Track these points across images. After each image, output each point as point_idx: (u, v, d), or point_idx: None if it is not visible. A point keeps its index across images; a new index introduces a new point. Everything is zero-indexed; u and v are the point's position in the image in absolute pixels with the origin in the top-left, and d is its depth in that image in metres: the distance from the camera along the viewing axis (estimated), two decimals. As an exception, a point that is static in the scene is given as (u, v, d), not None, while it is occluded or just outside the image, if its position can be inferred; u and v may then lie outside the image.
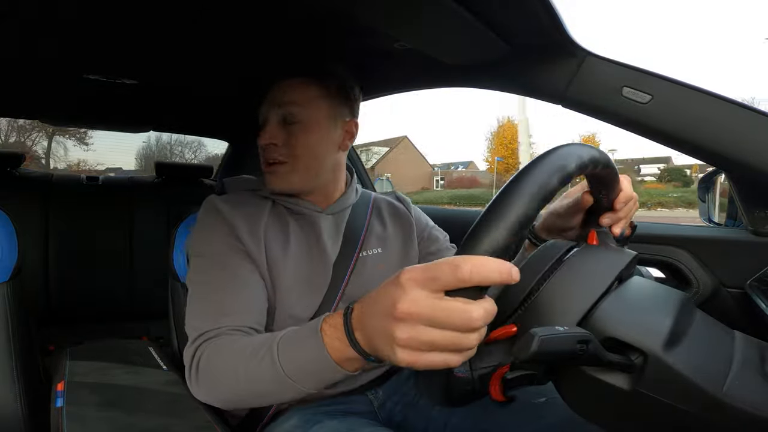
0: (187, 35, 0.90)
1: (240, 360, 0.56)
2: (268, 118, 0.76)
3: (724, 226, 0.89)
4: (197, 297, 0.69)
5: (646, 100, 0.66)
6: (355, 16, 0.68)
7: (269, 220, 0.75)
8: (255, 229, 0.72)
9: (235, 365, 0.57)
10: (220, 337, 0.62)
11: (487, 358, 0.44)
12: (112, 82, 1.16)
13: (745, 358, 0.41)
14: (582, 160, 0.44)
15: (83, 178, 1.58)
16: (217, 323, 0.64)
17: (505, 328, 0.45)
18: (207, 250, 0.71)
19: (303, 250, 0.75)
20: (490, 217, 0.39)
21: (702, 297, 0.79)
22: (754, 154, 0.61)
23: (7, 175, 1.42)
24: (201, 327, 0.64)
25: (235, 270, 0.69)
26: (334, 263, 0.75)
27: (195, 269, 0.71)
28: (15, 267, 0.68)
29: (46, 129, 11.68)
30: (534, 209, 0.39)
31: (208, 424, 0.58)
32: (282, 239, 0.74)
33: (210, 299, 0.67)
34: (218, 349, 0.61)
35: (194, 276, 0.71)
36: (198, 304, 0.68)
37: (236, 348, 0.59)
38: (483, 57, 0.79)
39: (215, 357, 0.60)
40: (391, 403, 0.79)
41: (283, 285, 0.72)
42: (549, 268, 0.48)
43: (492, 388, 0.44)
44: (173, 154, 13.64)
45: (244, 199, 0.77)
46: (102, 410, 0.57)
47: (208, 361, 0.61)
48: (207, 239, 0.72)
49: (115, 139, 12.43)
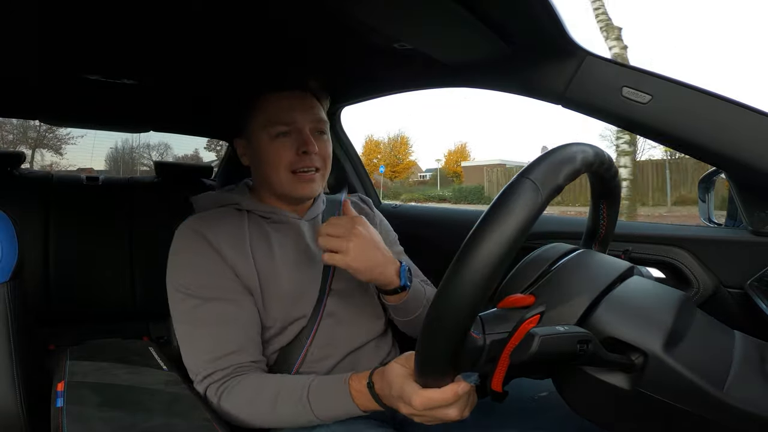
0: (187, 35, 0.90)
1: (268, 404, 0.65)
2: (304, 128, 0.77)
3: (724, 226, 0.89)
4: (191, 337, 0.71)
5: (646, 100, 0.65)
6: (355, 16, 0.68)
7: (251, 233, 0.77)
8: (240, 245, 0.75)
9: (263, 409, 0.66)
10: (235, 378, 0.68)
11: (500, 324, 0.45)
12: (112, 82, 1.16)
13: (745, 358, 0.41)
14: None
15: (83, 178, 1.58)
16: (225, 362, 0.68)
17: (523, 297, 0.45)
18: (192, 283, 0.72)
19: (291, 256, 0.78)
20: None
21: (702, 297, 0.79)
22: (754, 154, 0.60)
23: (7, 175, 1.41)
24: (207, 368, 0.68)
25: (225, 303, 0.71)
26: (319, 261, 0.78)
27: (182, 306, 0.72)
28: (15, 267, 0.68)
29: (28, 142, 12.34)
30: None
31: (209, 423, 0.58)
32: (267, 249, 0.77)
33: (206, 337, 0.70)
34: (240, 390, 0.67)
35: (182, 316, 0.72)
36: (196, 343, 0.71)
37: (264, 394, 0.66)
38: (483, 57, 0.79)
39: (238, 396, 0.67)
40: None
41: (278, 292, 0.75)
42: (569, 251, 0.51)
43: (494, 379, 0.44)
44: (141, 156, 14.13)
45: (219, 215, 0.78)
46: (102, 410, 0.57)
47: (230, 402, 0.67)
48: (191, 271, 0.73)
49: (85, 146, 13.21)
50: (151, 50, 0.97)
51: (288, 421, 0.66)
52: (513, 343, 0.42)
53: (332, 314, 0.79)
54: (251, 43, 0.94)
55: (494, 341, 0.44)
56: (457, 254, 0.38)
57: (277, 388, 0.66)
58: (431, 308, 0.40)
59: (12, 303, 0.66)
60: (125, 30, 0.86)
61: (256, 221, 0.80)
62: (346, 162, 1.55)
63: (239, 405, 0.66)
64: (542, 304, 0.44)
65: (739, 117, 0.61)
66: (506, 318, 0.45)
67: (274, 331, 0.76)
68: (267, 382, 0.68)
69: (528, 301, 0.45)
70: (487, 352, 0.44)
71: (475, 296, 0.37)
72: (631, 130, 0.70)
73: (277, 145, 0.77)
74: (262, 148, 0.78)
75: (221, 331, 0.70)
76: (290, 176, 0.77)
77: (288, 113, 0.77)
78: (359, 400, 0.62)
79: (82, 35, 0.89)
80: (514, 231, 0.37)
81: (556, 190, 0.40)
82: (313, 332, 0.76)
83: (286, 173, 0.77)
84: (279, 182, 0.78)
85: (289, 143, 0.77)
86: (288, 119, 0.77)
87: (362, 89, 1.26)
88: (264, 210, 0.81)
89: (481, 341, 0.43)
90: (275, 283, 0.75)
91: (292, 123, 0.77)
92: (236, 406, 0.66)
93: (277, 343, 0.76)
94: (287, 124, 0.77)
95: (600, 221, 0.58)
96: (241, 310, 0.72)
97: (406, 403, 0.53)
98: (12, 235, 0.69)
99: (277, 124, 0.77)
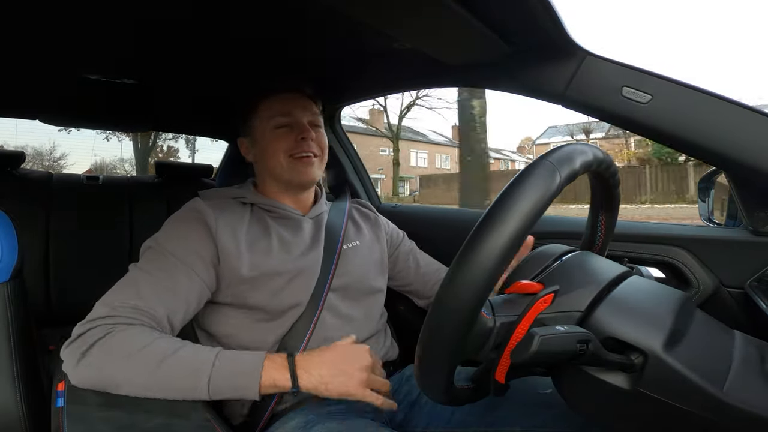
0: (187, 35, 0.90)
1: (153, 360, 0.61)
2: (301, 120, 0.85)
3: (724, 226, 0.89)
4: (126, 280, 0.70)
5: (646, 100, 0.65)
6: (354, 16, 0.68)
7: (251, 222, 0.82)
8: (236, 227, 0.78)
9: (140, 364, 0.61)
10: (131, 326, 0.64)
11: (509, 307, 0.45)
12: (112, 82, 1.16)
13: (745, 358, 0.41)
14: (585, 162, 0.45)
15: (83, 178, 1.58)
16: (132, 311, 0.66)
17: (532, 284, 0.46)
18: (168, 242, 0.73)
19: (289, 246, 0.82)
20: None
21: (702, 297, 0.79)
22: (754, 154, 0.60)
23: (7, 175, 1.41)
24: (109, 311, 0.66)
25: (186, 268, 0.72)
26: (321, 257, 0.84)
27: (143, 258, 0.73)
28: (15, 267, 0.68)
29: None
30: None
31: (209, 423, 0.58)
32: (263, 237, 0.81)
33: (136, 286, 0.69)
34: (127, 337, 0.63)
35: (134, 266, 0.72)
36: (125, 287, 0.69)
37: (154, 348, 0.62)
38: (483, 57, 0.79)
39: (129, 336, 0.63)
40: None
41: (268, 276, 0.77)
42: (570, 250, 0.52)
43: (499, 368, 0.44)
44: (114, 167, 14.44)
45: (225, 204, 0.82)
46: (102, 410, 0.57)
47: (118, 339, 0.62)
48: (174, 234, 0.75)
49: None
50: (151, 50, 0.97)
51: (162, 384, 0.61)
52: (524, 325, 0.42)
53: (333, 308, 0.81)
54: (251, 42, 0.94)
55: (503, 323, 0.44)
56: (476, 225, 0.39)
57: (176, 346, 0.63)
58: (445, 284, 0.40)
59: (12, 303, 0.66)
60: (125, 30, 0.86)
61: (259, 214, 0.84)
62: (346, 162, 1.55)
63: (114, 355, 0.61)
64: (554, 286, 0.45)
65: (739, 117, 0.61)
66: (515, 302, 0.46)
67: (265, 316, 0.77)
68: (166, 339, 0.65)
69: (536, 287, 0.46)
70: (495, 335, 0.44)
71: (492, 269, 0.37)
72: (631, 129, 0.70)
73: (278, 135, 0.84)
74: (264, 139, 0.85)
75: (160, 288, 0.69)
76: (290, 161, 0.84)
77: (288, 108, 0.85)
78: (268, 370, 0.63)
79: (82, 35, 0.89)
80: (532, 207, 0.38)
81: (573, 176, 0.41)
82: (313, 324, 0.78)
83: (285, 158, 0.84)
84: (280, 167, 0.84)
85: (289, 133, 0.84)
86: (287, 112, 0.85)
87: (362, 89, 1.26)
88: (268, 203, 0.85)
89: (492, 322, 0.44)
90: (265, 266, 0.77)
91: (291, 116, 0.85)
92: (109, 356, 0.61)
93: (273, 332, 0.77)
94: (287, 116, 0.85)
95: (598, 231, 0.59)
96: (191, 283, 0.72)
97: (356, 354, 0.68)
98: (12, 235, 0.69)
99: (278, 117, 0.85)
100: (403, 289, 1.03)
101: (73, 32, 0.87)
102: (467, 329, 0.40)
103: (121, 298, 0.67)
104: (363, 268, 0.89)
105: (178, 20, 0.82)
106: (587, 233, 0.60)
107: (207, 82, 1.24)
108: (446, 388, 0.45)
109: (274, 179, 0.87)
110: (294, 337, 0.77)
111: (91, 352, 0.61)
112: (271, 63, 1.06)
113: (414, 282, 1.01)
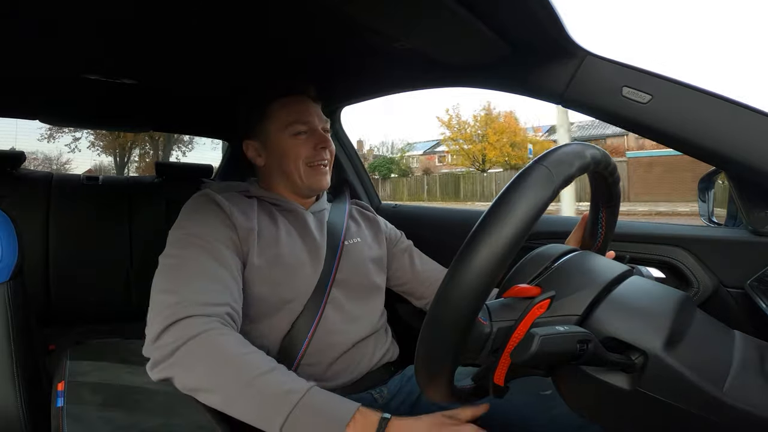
0: (187, 36, 0.90)
1: (246, 375, 0.58)
2: (318, 127, 0.88)
3: (724, 226, 0.89)
4: (178, 269, 0.68)
5: (646, 100, 0.65)
6: (354, 16, 0.68)
7: (260, 213, 0.83)
8: (249, 217, 0.79)
9: (231, 378, 0.58)
10: (225, 327, 0.63)
11: (507, 312, 0.45)
12: (112, 82, 1.16)
13: (745, 358, 0.41)
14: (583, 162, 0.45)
15: (83, 178, 1.58)
16: (215, 310, 0.65)
17: (529, 288, 0.46)
18: (194, 230, 0.73)
19: (295, 238, 0.84)
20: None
21: (702, 297, 0.79)
22: (754, 154, 0.60)
23: (7, 175, 1.41)
24: (196, 309, 0.63)
25: (222, 254, 0.71)
26: (325, 252, 0.85)
27: (178, 244, 0.72)
28: (15, 267, 0.68)
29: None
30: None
31: (209, 423, 0.58)
32: (273, 228, 0.82)
33: (199, 277, 0.67)
34: (226, 342, 0.62)
35: (174, 250, 0.71)
36: (176, 278, 0.67)
37: (249, 358, 0.60)
38: (483, 57, 0.79)
39: (216, 346, 0.61)
40: (396, 402, 0.80)
41: (277, 269, 0.77)
42: (570, 250, 0.52)
43: (497, 371, 0.44)
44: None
45: (232, 195, 0.83)
46: (102, 410, 0.57)
47: (206, 348, 0.60)
48: (196, 222, 0.75)
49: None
50: (151, 50, 0.97)
51: (248, 408, 0.57)
52: (520, 330, 0.42)
53: (336, 302, 0.82)
54: (251, 42, 0.94)
55: (501, 328, 0.44)
56: (473, 230, 0.39)
57: (272, 365, 0.60)
58: (444, 287, 0.40)
59: (12, 303, 0.66)
60: (125, 30, 0.86)
61: (265, 206, 0.86)
62: (346, 162, 1.55)
63: (211, 358, 0.59)
64: (551, 291, 0.45)
65: (739, 117, 0.61)
66: (512, 307, 0.46)
67: (267, 308, 0.77)
68: (261, 354, 0.62)
69: (534, 291, 0.46)
70: (492, 340, 0.44)
71: (489, 274, 0.37)
72: (632, 129, 0.70)
73: (297, 142, 0.86)
74: (282, 145, 0.86)
75: (213, 280, 0.68)
76: (308, 169, 0.87)
77: (305, 116, 0.87)
78: (356, 422, 0.56)
79: (82, 35, 0.89)
80: (528, 212, 0.38)
81: (569, 179, 0.41)
82: (317, 319, 0.78)
83: (304, 166, 0.86)
84: (299, 174, 0.86)
85: (307, 140, 0.86)
86: (305, 120, 0.87)
87: (362, 89, 1.26)
88: (273, 197, 0.87)
89: (488, 328, 0.44)
90: (273, 254, 0.78)
91: (309, 123, 0.87)
92: (207, 358, 0.59)
93: (273, 327, 0.77)
94: (305, 124, 0.87)
95: (599, 229, 0.59)
96: (237, 264, 0.73)
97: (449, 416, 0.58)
98: (12, 235, 0.69)
99: (296, 124, 0.86)
100: (399, 288, 1.02)
101: (72, 32, 0.87)
102: (465, 334, 0.40)
103: (191, 291, 0.65)
104: (364, 264, 0.90)
105: (178, 20, 0.82)
106: (588, 231, 0.60)
107: (207, 82, 1.24)
108: (447, 388, 0.45)
109: (287, 182, 0.88)
110: (300, 331, 0.77)
111: (184, 349, 0.60)
112: (271, 63, 1.06)
113: (410, 281, 1.00)
